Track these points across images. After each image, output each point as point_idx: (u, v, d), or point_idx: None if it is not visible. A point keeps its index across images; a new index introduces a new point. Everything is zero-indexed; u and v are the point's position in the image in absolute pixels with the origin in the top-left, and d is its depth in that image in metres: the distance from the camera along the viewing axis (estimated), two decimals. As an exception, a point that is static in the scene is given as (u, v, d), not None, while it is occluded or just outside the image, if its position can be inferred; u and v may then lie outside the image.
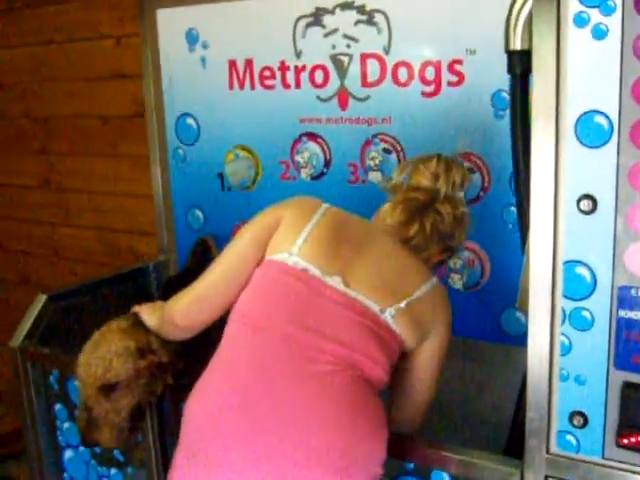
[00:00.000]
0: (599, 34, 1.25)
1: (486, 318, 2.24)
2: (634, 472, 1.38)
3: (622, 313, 1.34)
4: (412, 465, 1.67)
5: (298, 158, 2.47)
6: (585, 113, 1.29)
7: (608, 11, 1.23)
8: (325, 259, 1.63)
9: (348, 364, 1.55)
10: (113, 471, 2.31)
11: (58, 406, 2.40)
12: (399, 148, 2.27)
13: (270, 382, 1.53)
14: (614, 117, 1.26)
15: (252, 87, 2.51)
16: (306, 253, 1.63)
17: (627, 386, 1.35)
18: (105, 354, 1.74)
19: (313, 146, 2.43)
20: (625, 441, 1.35)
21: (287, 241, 1.65)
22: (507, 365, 2.16)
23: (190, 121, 2.73)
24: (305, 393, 1.52)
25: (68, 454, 2.44)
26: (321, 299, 1.60)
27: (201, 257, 2.69)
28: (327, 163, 2.43)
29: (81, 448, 2.38)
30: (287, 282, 1.62)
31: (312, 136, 2.43)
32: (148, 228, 3.18)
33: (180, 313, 1.74)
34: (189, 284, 1.77)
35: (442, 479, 1.63)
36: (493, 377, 2.22)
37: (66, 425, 2.40)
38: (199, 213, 2.79)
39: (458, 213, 1.80)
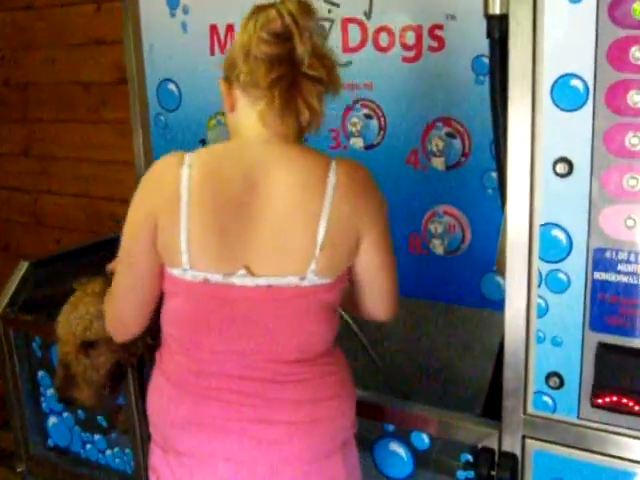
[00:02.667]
0: (575, -3, 1.25)
1: (467, 283, 2.25)
2: (608, 431, 1.41)
3: (597, 275, 1.36)
4: (392, 427, 1.69)
5: (279, 124, 2.46)
6: (561, 77, 1.30)
7: (584, -26, 1.23)
8: (218, 255, 1.45)
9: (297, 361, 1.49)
10: (97, 437, 2.33)
11: (41, 373, 2.41)
12: (380, 113, 2.27)
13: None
14: (590, 80, 1.27)
15: (233, 52, 2.49)
16: (197, 258, 1.43)
17: (602, 347, 1.37)
18: (84, 315, 1.76)
19: (294, 112, 2.42)
20: (600, 401, 1.38)
21: (172, 250, 1.45)
22: (487, 330, 2.18)
23: (172, 87, 2.71)
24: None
25: (52, 420, 2.46)
26: (236, 307, 1.46)
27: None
28: (308, 129, 2.42)
29: (65, 414, 2.40)
30: (198, 299, 1.48)
31: (293, 102, 2.42)
32: (130, 195, 3.16)
33: (113, 328, 1.64)
34: None
35: (422, 440, 1.65)
36: (473, 341, 2.25)
37: (49, 392, 2.41)
38: (181, 180, 2.78)
39: (327, 62, 1.49)
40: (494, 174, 2.06)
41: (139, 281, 1.53)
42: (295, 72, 1.42)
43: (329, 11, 2.27)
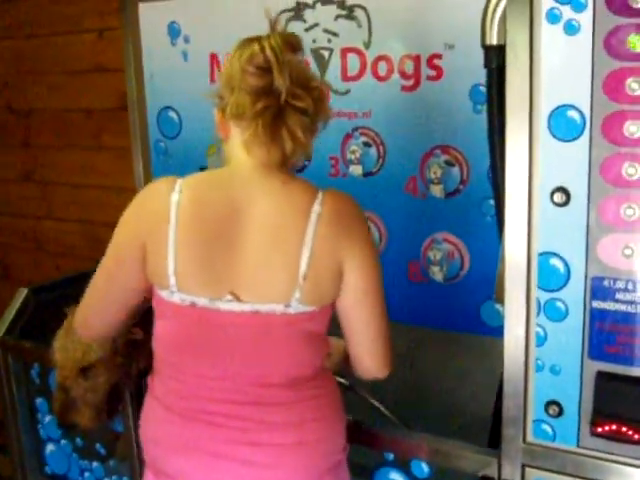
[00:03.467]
0: (571, 30, 1.27)
1: (466, 310, 2.25)
2: (608, 460, 1.40)
3: (595, 304, 1.36)
4: (392, 456, 1.69)
5: (279, 151, 2.47)
6: (558, 107, 1.31)
7: (580, 8, 1.25)
8: (204, 280, 1.48)
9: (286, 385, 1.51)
10: (95, 464, 2.32)
11: (39, 400, 2.41)
12: (379, 141, 2.28)
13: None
14: (586, 111, 1.29)
15: (233, 81, 2.51)
16: (185, 282, 1.47)
17: (601, 375, 1.38)
18: (81, 339, 1.76)
19: (294, 139, 2.44)
20: (599, 430, 1.38)
21: (160, 273, 1.48)
22: (487, 356, 2.18)
23: (172, 114, 2.73)
24: None
25: (50, 448, 2.45)
26: (223, 332, 1.49)
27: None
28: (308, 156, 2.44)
29: (63, 441, 2.39)
30: (185, 323, 1.51)
31: (293, 130, 2.44)
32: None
33: (80, 325, 1.68)
34: None
35: (421, 469, 1.65)
36: (474, 368, 2.24)
37: (47, 418, 2.41)
38: (181, 207, 2.79)
39: (315, 93, 1.51)
40: (492, 202, 2.07)
41: (112, 294, 1.59)
42: (280, 103, 1.45)
43: (329, 40, 2.30)
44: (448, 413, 2.24)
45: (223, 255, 1.47)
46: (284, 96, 1.44)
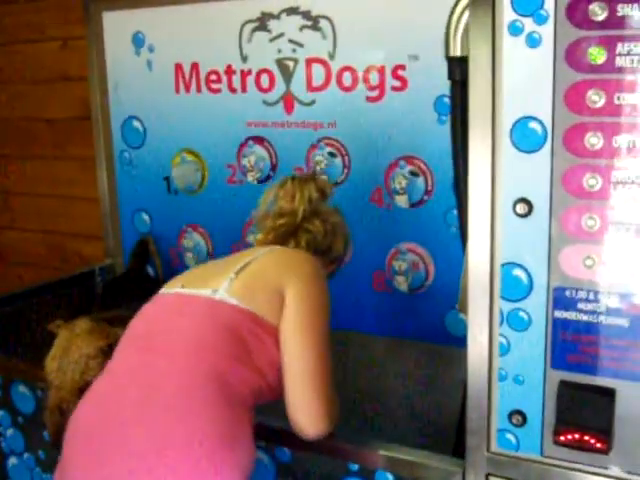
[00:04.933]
0: (533, 42, 1.28)
1: (431, 320, 2.27)
2: (572, 469, 1.41)
3: (558, 314, 1.37)
4: (356, 466, 1.69)
5: (244, 162, 2.48)
6: (520, 119, 1.32)
7: (541, 20, 1.26)
8: (176, 281, 1.74)
9: (194, 368, 1.51)
10: (58, 477, 2.29)
11: (1, 413, 2.37)
12: (344, 152, 2.30)
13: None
14: (548, 123, 1.29)
15: (198, 91, 2.51)
16: (167, 284, 1.76)
17: (563, 385, 1.38)
18: (79, 359, 1.74)
19: (259, 150, 2.44)
20: (562, 438, 1.38)
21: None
22: (451, 366, 2.19)
23: (136, 124, 2.72)
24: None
25: (12, 461, 2.41)
26: (162, 308, 1.68)
27: (141, 258, 2.69)
28: (273, 167, 2.44)
29: (26, 455, 2.35)
30: (152, 306, 1.70)
31: (258, 140, 2.44)
32: (94, 231, 3.15)
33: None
34: (129, 286, 1.83)
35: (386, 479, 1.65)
36: (438, 378, 2.26)
37: (10, 432, 2.37)
38: (145, 216, 2.78)
39: (328, 226, 1.88)
40: (456, 212, 2.09)
41: None
42: (295, 224, 1.84)
43: (293, 50, 2.30)
44: (412, 422, 2.25)
45: (193, 270, 1.91)
46: (302, 215, 1.84)
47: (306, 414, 1.55)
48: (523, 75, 1.30)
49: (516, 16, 1.28)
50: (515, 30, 1.29)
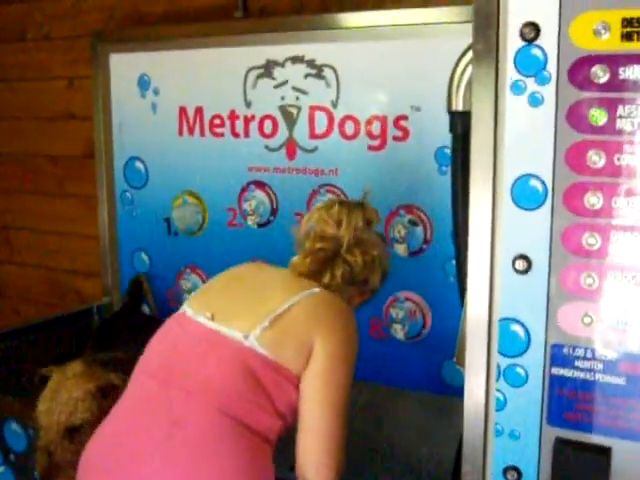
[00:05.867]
0: (535, 102, 1.29)
1: (427, 369, 2.27)
2: (546, 526, 1.40)
3: (555, 370, 1.37)
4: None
5: (245, 206, 2.49)
6: (521, 176, 1.33)
7: (543, 81, 1.28)
8: (205, 302, 1.72)
9: (217, 409, 1.53)
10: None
11: (-8, 449, 2.36)
12: (344, 199, 2.30)
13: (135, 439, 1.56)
14: (548, 181, 1.31)
15: (202, 134, 2.54)
16: (195, 301, 1.74)
17: (559, 442, 1.38)
18: (67, 400, 1.75)
19: (260, 194, 2.46)
20: (557, 496, 1.38)
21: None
22: (447, 416, 2.19)
23: (139, 165, 2.74)
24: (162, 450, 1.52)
25: (2, 499, 2.40)
26: (188, 337, 1.66)
27: (135, 297, 2.70)
28: (274, 212, 2.46)
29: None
30: (169, 324, 1.73)
31: (260, 184, 2.46)
32: (93, 269, 3.16)
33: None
34: (124, 325, 1.83)
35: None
36: (433, 428, 2.24)
37: (1, 469, 2.36)
38: (145, 256, 2.79)
39: (368, 258, 1.81)
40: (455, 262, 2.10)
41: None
42: (335, 251, 1.79)
43: (297, 98, 2.33)
44: (407, 472, 2.23)
45: (221, 289, 1.79)
46: (346, 244, 1.79)
47: (315, 470, 1.56)
48: (525, 133, 1.32)
49: (519, 76, 1.30)
50: (517, 89, 1.30)
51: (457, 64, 1.65)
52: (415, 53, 2.12)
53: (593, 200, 1.28)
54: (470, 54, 1.59)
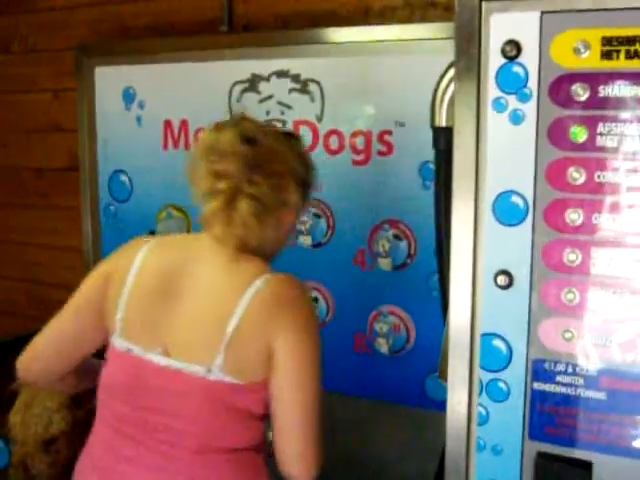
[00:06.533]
0: (516, 119, 1.31)
1: (410, 383, 2.27)
2: (547, 541, 1.41)
3: (536, 385, 1.38)
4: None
5: (231, 219, 2.48)
6: (502, 193, 1.34)
7: (524, 98, 1.30)
8: (145, 332, 1.57)
9: (198, 452, 1.53)
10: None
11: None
12: (329, 213, 2.32)
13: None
14: (529, 198, 1.32)
15: (186, 147, 2.54)
16: (127, 329, 1.58)
17: (541, 456, 1.39)
18: (42, 412, 1.75)
19: (245, 208, 2.46)
20: (538, 511, 1.39)
21: (112, 316, 1.60)
22: (430, 430, 2.19)
23: (123, 178, 2.74)
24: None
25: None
26: (147, 382, 1.55)
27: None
28: (258, 226, 2.45)
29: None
30: (120, 366, 1.60)
31: (244, 199, 2.46)
32: (77, 283, 3.14)
33: (23, 366, 1.69)
34: None
35: None
36: (416, 441, 2.25)
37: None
38: (129, 270, 2.78)
39: (274, 181, 1.58)
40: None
41: (65, 335, 1.67)
42: (236, 188, 1.54)
43: (282, 112, 2.34)
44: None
45: (164, 311, 1.57)
46: (236, 181, 1.54)
47: (299, 465, 1.54)
48: (506, 150, 1.33)
49: (500, 93, 1.32)
50: (499, 107, 1.32)
51: (440, 80, 1.66)
52: (399, 69, 2.14)
53: (574, 216, 1.30)
54: (453, 70, 1.62)
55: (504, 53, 1.30)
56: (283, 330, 1.51)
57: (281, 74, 2.32)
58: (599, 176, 1.27)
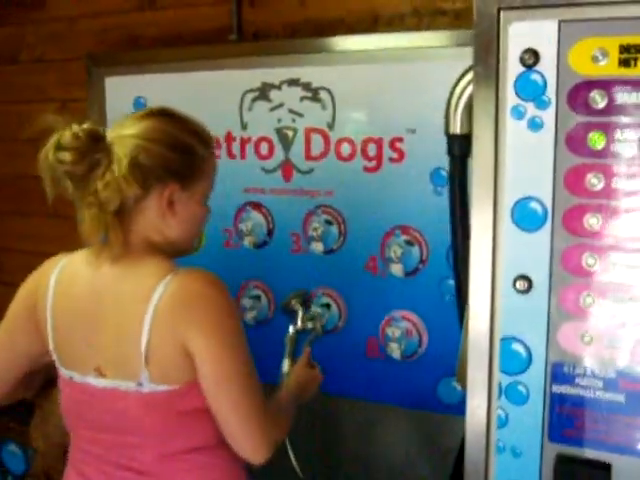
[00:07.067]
0: (534, 126, 1.33)
1: (423, 387, 2.29)
2: (566, 541, 1.43)
3: (555, 388, 1.40)
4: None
5: (242, 226, 2.51)
6: (521, 199, 1.36)
7: (543, 105, 1.32)
8: (77, 357, 1.58)
9: (160, 461, 1.56)
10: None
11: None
12: (340, 219, 2.34)
13: None
14: (548, 204, 1.34)
15: (198, 156, 2.55)
16: (63, 358, 1.61)
17: (560, 459, 1.41)
18: (61, 423, 1.75)
19: (257, 215, 2.48)
20: (558, 512, 1.41)
21: (48, 348, 1.63)
22: (443, 434, 2.21)
23: (134, 186, 2.75)
24: None
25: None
26: (95, 404, 1.57)
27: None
28: (270, 232, 2.48)
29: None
30: (69, 393, 1.64)
31: (256, 205, 2.48)
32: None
33: None
34: None
35: None
36: (429, 446, 2.27)
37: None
38: (140, 277, 2.80)
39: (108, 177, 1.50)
40: (451, 281, 2.13)
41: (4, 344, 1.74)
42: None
43: (293, 120, 2.36)
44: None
45: (88, 333, 1.56)
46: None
47: (250, 446, 1.54)
48: (525, 156, 1.35)
49: (519, 100, 1.34)
50: (517, 114, 1.34)
51: (454, 87, 1.68)
52: (409, 76, 2.15)
53: (592, 221, 1.32)
54: (467, 78, 1.65)
55: (522, 61, 1.32)
56: (193, 333, 1.48)
57: (292, 82, 2.34)
58: (617, 182, 1.30)
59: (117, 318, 1.53)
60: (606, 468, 1.38)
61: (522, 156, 1.36)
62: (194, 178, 1.59)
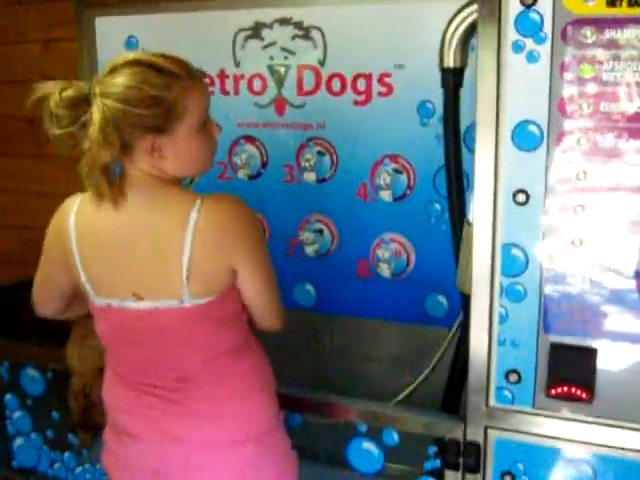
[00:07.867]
0: (532, 59, 1.53)
1: (412, 303, 2.48)
2: (558, 417, 1.67)
3: (549, 287, 1.63)
4: (364, 427, 1.90)
5: (236, 159, 2.62)
6: (520, 122, 1.56)
7: (540, 41, 1.51)
8: (113, 286, 1.66)
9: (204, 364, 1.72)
10: (67, 455, 2.44)
11: (8, 396, 2.49)
12: (332, 151, 2.48)
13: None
14: (544, 126, 1.55)
15: (190, 94, 2.65)
16: (98, 288, 1.68)
17: (554, 346, 1.64)
18: (97, 344, 1.86)
19: (251, 148, 2.59)
20: (553, 392, 1.64)
21: (79, 282, 1.71)
22: (430, 343, 2.41)
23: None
24: None
25: (18, 442, 2.53)
26: (136, 326, 1.68)
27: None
28: (264, 164, 2.60)
29: (33, 435, 2.48)
30: (106, 319, 1.73)
31: (250, 139, 2.60)
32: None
33: (34, 302, 1.89)
34: None
35: (392, 438, 1.87)
36: (419, 355, 2.47)
37: (17, 414, 2.49)
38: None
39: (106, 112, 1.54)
40: (437, 205, 2.34)
41: (51, 281, 1.82)
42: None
43: (285, 58, 2.48)
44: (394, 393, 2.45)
45: (120, 262, 1.64)
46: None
47: (275, 321, 1.80)
48: (523, 86, 1.55)
49: (519, 36, 1.53)
50: (517, 48, 1.54)
51: (449, 24, 1.84)
52: (398, 16, 2.28)
53: (583, 142, 1.53)
54: (461, 15, 1.82)
55: (522, 1, 1.51)
56: (235, 248, 1.63)
57: (284, 21, 2.44)
58: (604, 106, 1.50)
59: (151, 244, 1.61)
60: (593, 352, 1.62)
61: (521, 85, 1.55)
62: (172, 121, 1.58)
